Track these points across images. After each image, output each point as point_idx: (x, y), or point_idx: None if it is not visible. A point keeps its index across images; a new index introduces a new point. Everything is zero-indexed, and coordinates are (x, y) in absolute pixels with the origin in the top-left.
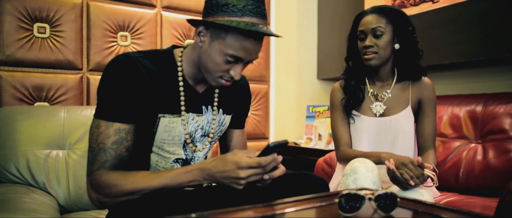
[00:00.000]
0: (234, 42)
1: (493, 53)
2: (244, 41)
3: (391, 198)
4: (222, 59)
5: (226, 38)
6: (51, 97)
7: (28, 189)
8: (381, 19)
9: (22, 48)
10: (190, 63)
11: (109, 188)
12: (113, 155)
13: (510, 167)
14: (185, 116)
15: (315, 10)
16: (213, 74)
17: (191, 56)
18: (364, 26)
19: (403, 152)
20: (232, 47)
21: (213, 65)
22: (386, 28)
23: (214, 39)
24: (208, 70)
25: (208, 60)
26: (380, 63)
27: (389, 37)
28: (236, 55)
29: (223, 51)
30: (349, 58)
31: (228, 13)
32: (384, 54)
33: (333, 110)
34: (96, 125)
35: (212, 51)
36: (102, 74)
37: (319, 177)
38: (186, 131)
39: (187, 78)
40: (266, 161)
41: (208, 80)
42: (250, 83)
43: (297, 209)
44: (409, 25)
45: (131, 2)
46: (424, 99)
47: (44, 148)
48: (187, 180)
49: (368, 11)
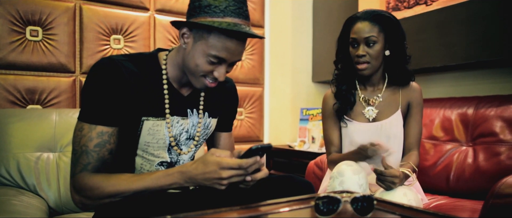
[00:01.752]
0: (216, 42)
1: (484, 56)
2: (227, 41)
3: (368, 201)
4: (205, 60)
5: (209, 39)
6: (43, 100)
7: (18, 192)
8: (374, 27)
9: (15, 51)
10: (175, 66)
11: (91, 190)
12: (96, 158)
13: (500, 170)
14: (169, 119)
15: (310, 13)
16: (197, 75)
17: (175, 59)
18: (357, 34)
19: (395, 156)
20: (215, 47)
21: (196, 66)
22: (378, 36)
23: (197, 40)
24: (192, 71)
25: (191, 62)
26: (373, 72)
27: (381, 45)
28: (219, 55)
29: (206, 52)
30: (339, 61)
31: (210, 14)
32: (376, 63)
33: (325, 118)
34: (79, 128)
35: (195, 53)
36: (86, 77)
37: (305, 180)
38: (170, 134)
39: (171, 81)
40: (247, 163)
41: (193, 82)
42: (244, 86)
43: (275, 211)
44: (400, 33)
45: (124, 5)
46: (412, 103)
47: (35, 151)
48: (168, 183)
49: (361, 16)
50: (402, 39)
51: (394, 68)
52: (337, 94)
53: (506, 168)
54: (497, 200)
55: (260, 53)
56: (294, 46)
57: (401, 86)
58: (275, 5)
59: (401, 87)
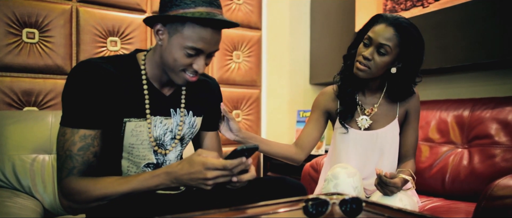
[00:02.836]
0: (191, 33)
1: (480, 58)
2: (201, 31)
3: (357, 203)
4: (182, 53)
5: (183, 31)
6: (40, 102)
7: (13, 193)
8: (394, 38)
9: (11, 53)
10: (154, 65)
11: (78, 194)
12: (80, 161)
13: (495, 172)
14: (150, 119)
15: (308, 15)
16: (176, 70)
17: (153, 58)
18: (375, 34)
19: (389, 166)
20: (191, 38)
21: (175, 61)
22: (393, 50)
23: (172, 34)
24: (171, 67)
25: (169, 57)
26: (368, 77)
27: (390, 59)
28: (196, 46)
29: (182, 45)
30: (349, 58)
31: (182, 6)
32: (376, 72)
33: (313, 111)
34: (62, 133)
35: (172, 47)
36: (66, 81)
37: (297, 182)
38: (153, 134)
39: (152, 81)
40: (232, 165)
41: (173, 78)
42: (241, 88)
43: (264, 213)
44: (418, 57)
45: (121, 7)
46: (410, 111)
47: (30, 153)
48: (154, 184)
49: (389, 19)
50: (418, 64)
51: (395, 85)
52: (340, 96)
53: (500, 170)
54: (489, 202)
55: (257, 55)
56: (291, 48)
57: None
58: (272, 7)
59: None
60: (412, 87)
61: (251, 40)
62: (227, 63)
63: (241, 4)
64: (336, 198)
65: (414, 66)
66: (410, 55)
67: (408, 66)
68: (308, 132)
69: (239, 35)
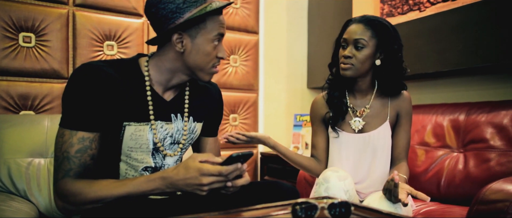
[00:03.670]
0: (213, 24)
1: (476, 62)
2: (219, 17)
3: (345, 207)
4: (212, 46)
5: (206, 26)
6: (36, 106)
7: (8, 197)
8: (367, 31)
9: (7, 58)
10: (162, 71)
11: (73, 196)
12: (77, 164)
13: (489, 176)
14: (154, 124)
15: (305, 19)
16: (207, 66)
17: (161, 66)
18: (348, 34)
19: (382, 168)
20: (215, 28)
21: (206, 56)
22: (369, 41)
23: (194, 35)
24: (201, 66)
25: (198, 57)
26: (355, 75)
27: (370, 51)
28: (221, 32)
29: (210, 37)
30: (333, 65)
31: (190, 7)
32: (361, 67)
33: (312, 122)
34: (61, 134)
35: (200, 46)
36: (66, 83)
37: (290, 186)
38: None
39: (154, 87)
40: (228, 171)
41: (201, 77)
42: (238, 92)
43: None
44: (395, 43)
45: (117, 11)
46: (402, 112)
47: (26, 156)
48: (149, 189)
49: (357, 19)
50: (398, 50)
51: (386, 79)
52: (329, 101)
53: (495, 174)
54: (481, 206)
55: (255, 59)
56: (288, 52)
57: (391, 96)
58: (269, 11)
59: (390, 97)
60: (402, 80)
61: (248, 44)
62: (224, 67)
63: (238, 8)
64: (325, 202)
65: (396, 52)
66: (388, 43)
67: (390, 55)
68: (318, 145)
69: (236, 39)
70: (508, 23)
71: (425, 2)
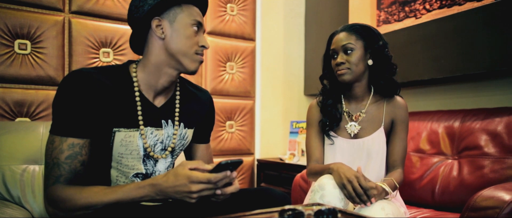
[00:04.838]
0: (189, 9)
1: (471, 69)
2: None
3: (333, 214)
4: (191, 31)
5: (183, 8)
6: (32, 112)
7: (2, 204)
8: (351, 35)
9: (3, 64)
10: (149, 71)
11: (63, 202)
12: (68, 170)
13: (483, 183)
14: (143, 130)
15: (302, 26)
16: (190, 50)
17: (147, 64)
18: (335, 44)
19: (376, 173)
20: (191, 14)
21: (187, 40)
22: (356, 44)
23: (173, 19)
24: (184, 51)
25: (179, 41)
26: (353, 78)
27: (360, 52)
28: (197, 19)
29: (188, 22)
30: (324, 77)
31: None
32: (357, 69)
33: (308, 127)
34: (51, 141)
35: (179, 30)
36: (57, 90)
37: (280, 193)
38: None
39: (144, 92)
40: (217, 178)
41: (186, 65)
42: (235, 99)
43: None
44: (379, 40)
45: (113, 18)
46: (397, 120)
47: (21, 163)
48: (139, 196)
49: (339, 30)
50: (383, 47)
51: (379, 79)
52: (323, 109)
53: (489, 181)
54: (472, 213)
55: (251, 66)
56: (285, 59)
57: (387, 99)
58: (266, 18)
59: (386, 102)
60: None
61: (245, 51)
62: (221, 74)
63: (235, 15)
64: (312, 209)
65: (382, 48)
66: (373, 41)
67: (377, 52)
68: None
69: (233, 46)
70: (503, 30)
71: (421, 9)
